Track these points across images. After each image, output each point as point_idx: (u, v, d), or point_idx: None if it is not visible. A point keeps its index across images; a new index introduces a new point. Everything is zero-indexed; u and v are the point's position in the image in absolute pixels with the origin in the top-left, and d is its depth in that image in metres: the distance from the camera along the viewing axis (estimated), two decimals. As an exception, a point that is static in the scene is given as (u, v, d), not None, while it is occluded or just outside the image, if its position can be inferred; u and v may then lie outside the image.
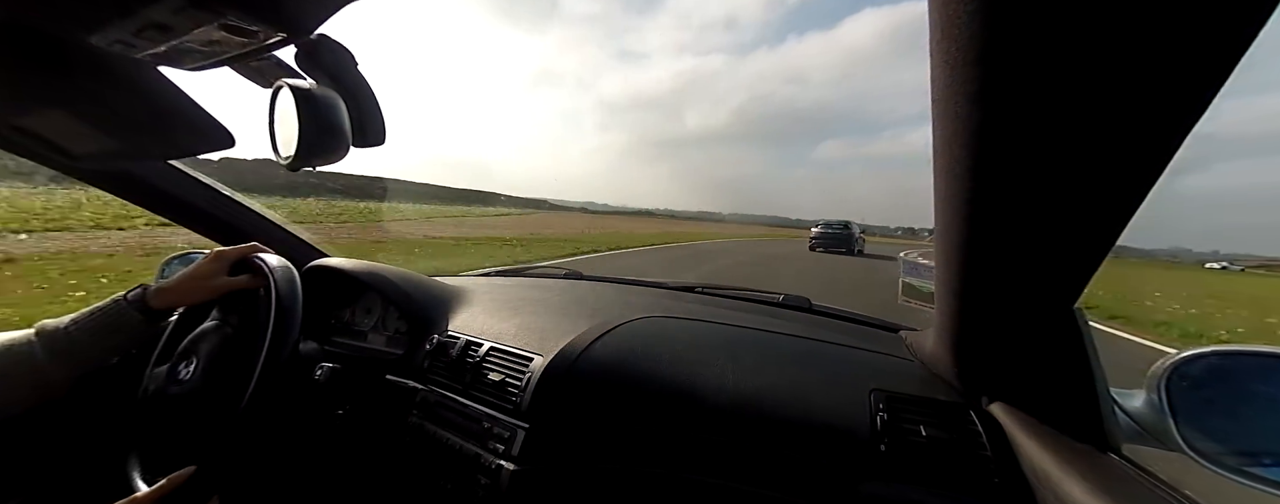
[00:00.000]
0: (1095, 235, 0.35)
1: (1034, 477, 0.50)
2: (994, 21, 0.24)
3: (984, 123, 0.29)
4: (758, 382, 0.68)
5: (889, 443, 0.57)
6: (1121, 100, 0.26)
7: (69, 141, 0.65)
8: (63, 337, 0.64)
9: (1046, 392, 0.53)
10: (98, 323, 0.67)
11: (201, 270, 0.74)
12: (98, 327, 0.66)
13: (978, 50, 0.25)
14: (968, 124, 0.30)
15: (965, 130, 0.30)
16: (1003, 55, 0.25)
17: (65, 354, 0.64)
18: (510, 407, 0.71)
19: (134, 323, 0.68)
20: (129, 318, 0.68)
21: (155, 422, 0.70)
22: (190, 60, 0.42)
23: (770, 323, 0.88)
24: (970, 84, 0.27)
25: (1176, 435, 0.46)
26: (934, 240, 0.45)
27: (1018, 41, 0.24)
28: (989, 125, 0.29)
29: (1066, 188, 0.31)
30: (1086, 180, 0.31)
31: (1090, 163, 0.30)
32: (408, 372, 0.87)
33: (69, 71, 0.49)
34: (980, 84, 0.27)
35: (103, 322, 0.67)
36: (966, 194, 0.35)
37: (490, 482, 0.67)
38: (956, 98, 0.29)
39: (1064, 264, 0.39)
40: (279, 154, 0.49)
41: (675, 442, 0.65)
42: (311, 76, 0.47)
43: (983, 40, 0.25)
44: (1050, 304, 0.44)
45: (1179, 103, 0.26)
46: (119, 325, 0.68)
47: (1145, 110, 0.26)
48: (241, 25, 0.35)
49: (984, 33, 0.24)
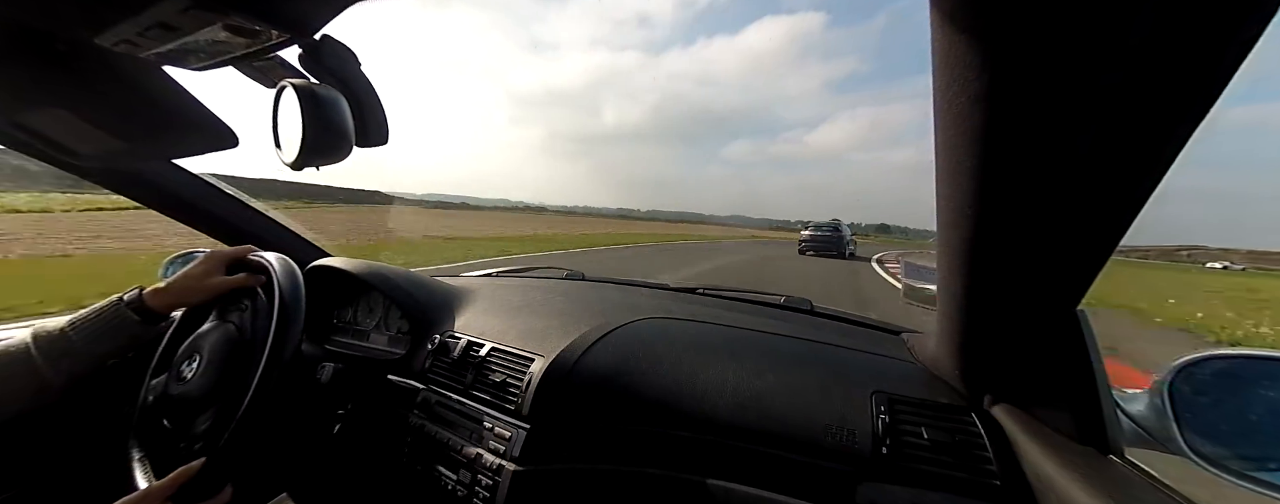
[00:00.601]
0: (1098, 236, 0.35)
1: (1036, 479, 0.49)
2: (996, 22, 0.24)
3: (986, 124, 0.29)
4: (759, 383, 0.68)
5: (890, 445, 0.57)
6: (1124, 101, 0.26)
7: (74, 140, 0.66)
8: (60, 339, 0.64)
9: (1049, 394, 0.53)
10: (95, 325, 0.66)
11: (196, 271, 0.74)
12: (95, 329, 0.66)
13: (979, 51, 0.25)
14: (969, 126, 0.30)
15: (967, 132, 0.30)
16: (1005, 56, 0.25)
17: (62, 357, 0.63)
18: (511, 407, 0.71)
19: (132, 325, 0.68)
20: (127, 320, 0.68)
21: (159, 419, 0.71)
22: (195, 60, 0.42)
23: (771, 325, 0.88)
24: (972, 85, 0.27)
25: (1179, 439, 0.46)
26: (936, 242, 0.44)
27: (1020, 42, 0.24)
28: (991, 127, 0.29)
29: (1069, 189, 0.31)
30: (1089, 181, 0.31)
31: (1093, 164, 0.29)
32: (409, 372, 0.87)
33: (74, 71, 0.49)
34: (982, 85, 0.27)
35: (100, 324, 0.67)
36: (968, 196, 0.35)
37: (491, 482, 0.67)
38: (958, 99, 0.29)
39: (1067, 266, 0.39)
40: (282, 153, 0.50)
41: (676, 443, 0.65)
42: (315, 76, 0.47)
43: (984, 41, 0.25)
44: (1053, 306, 0.44)
45: (1182, 104, 0.26)
46: (117, 328, 0.67)
47: (1149, 111, 0.26)
48: (246, 25, 0.35)
49: (986, 34, 0.24)
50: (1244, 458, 0.44)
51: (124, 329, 0.68)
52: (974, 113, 0.29)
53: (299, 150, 0.47)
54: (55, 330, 0.64)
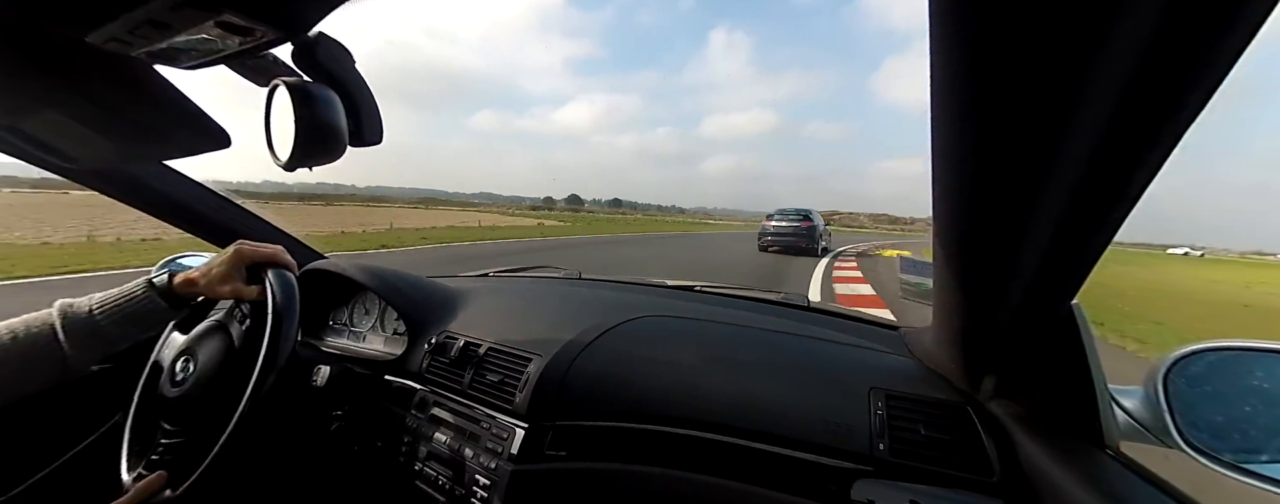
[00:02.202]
0: (1093, 231, 0.35)
1: (1033, 474, 0.50)
2: (995, 18, 0.24)
3: (983, 119, 0.29)
4: (756, 380, 0.68)
5: (888, 441, 0.58)
6: (1120, 97, 0.26)
7: (63, 142, 0.65)
8: (87, 320, 0.62)
9: (1045, 389, 0.53)
10: (125, 308, 0.64)
11: (224, 268, 0.70)
12: (124, 312, 0.64)
13: (978, 47, 0.25)
14: (966, 120, 0.30)
15: (964, 127, 0.30)
16: (1003, 52, 0.25)
17: (89, 338, 0.61)
18: (509, 407, 0.71)
19: (160, 310, 0.66)
20: (156, 305, 0.66)
21: (154, 418, 0.70)
22: (186, 59, 0.42)
23: (768, 321, 0.88)
24: (969, 79, 0.27)
25: (1174, 432, 0.46)
26: (932, 237, 0.45)
27: (1017, 38, 0.24)
28: (987, 122, 0.29)
29: (1064, 184, 0.31)
30: (1084, 176, 0.31)
31: (1089, 158, 0.30)
32: (406, 372, 0.87)
33: (63, 70, 0.49)
34: (980, 80, 0.27)
35: (130, 307, 0.64)
36: (964, 191, 0.35)
37: (489, 482, 0.67)
38: (956, 94, 0.29)
39: (1062, 260, 0.39)
40: (275, 153, 0.49)
41: (673, 441, 0.65)
42: (308, 75, 0.47)
43: (983, 37, 0.25)
44: (1048, 301, 0.45)
45: (1177, 100, 0.26)
46: (147, 313, 0.65)
47: (1144, 107, 0.27)
48: (238, 23, 0.35)
49: (984, 29, 0.24)
50: (1239, 450, 0.45)
51: (153, 314, 0.66)
52: (971, 109, 0.29)
53: (292, 150, 0.46)
54: (82, 311, 0.62)
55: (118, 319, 0.63)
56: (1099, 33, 0.23)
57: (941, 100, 0.30)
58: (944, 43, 0.26)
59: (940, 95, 0.29)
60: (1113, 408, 0.49)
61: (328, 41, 0.45)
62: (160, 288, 0.66)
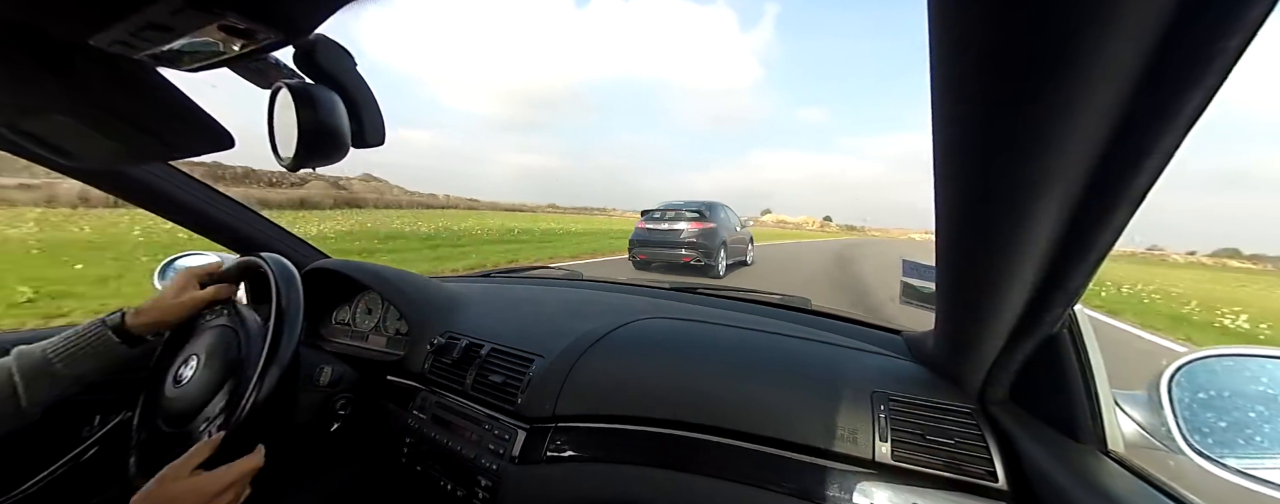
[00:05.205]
0: (1095, 237, 0.35)
1: (1036, 479, 0.49)
2: (993, 22, 0.24)
3: (984, 124, 0.29)
4: (759, 382, 0.68)
5: (890, 445, 0.57)
6: (1122, 100, 0.26)
7: (67, 142, 0.65)
8: (41, 363, 0.63)
9: (1048, 393, 0.53)
10: (76, 349, 0.65)
11: (169, 291, 0.73)
12: (76, 353, 0.65)
13: (977, 52, 0.25)
14: (967, 126, 0.30)
15: (965, 132, 0.30)
16: (1003, 56, 0.25)
17: (42, 380, 0.62)
18: (511, 408, 0.71)
19: (114, 348, 0.67)
20: (108, 343, 0.67)
21: (157, 424, 0.70)
22: (189, 61, 0.42)
23: (770, 324, 0.88)
24: (969, 85, 0.27)
25: (1179, 437, 0.46)
26: (934, 242, 0.44)
27: (1018, 41, 0.24)
28: (989, 127, 0.29)
29: (1066, 189, 0.31)
30: (1087, 181, 0.31)
31: (1091, 163, 0.29)
32: (408, 373, 0.87)
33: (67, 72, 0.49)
34: (979, 85, 0.27)
35: (82, 347, 0.66)
36: (966, 196, 0.35)
37: (490, 482, 0.67)
38: (956, 99, 0.29)
39: (1063, 266, 0.39)
40: (279, 154, 0.49)
41: (675, 443, 0.65)
42: (311, 77, 0.47)
43: (983, 42, 0.25)
44: (1050, 306, 0.44)
45: (1178, 104, 0.26)
46: (99, 352, 0.66)
47: (1146, 110, 0.26)
48: (240, 26, 0.35)
49: (984, 34, 0.24)
50: (1242, 456, 0.44)
51: (106, 352, 0.67)
52: (972, 113, 0.29)
53: (295, 151, 0.46)
54: (36, 355, 0.63)
55: (70, 362, 0.64)
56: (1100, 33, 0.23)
57: (941, 105, 0.29)
58: (943, 47, 0.26)
59: (940, 100, 0.29)
60: (1116, 413, 0.49)
61: (329, 44, 0.46)
62: (112, 325, 0.68)
